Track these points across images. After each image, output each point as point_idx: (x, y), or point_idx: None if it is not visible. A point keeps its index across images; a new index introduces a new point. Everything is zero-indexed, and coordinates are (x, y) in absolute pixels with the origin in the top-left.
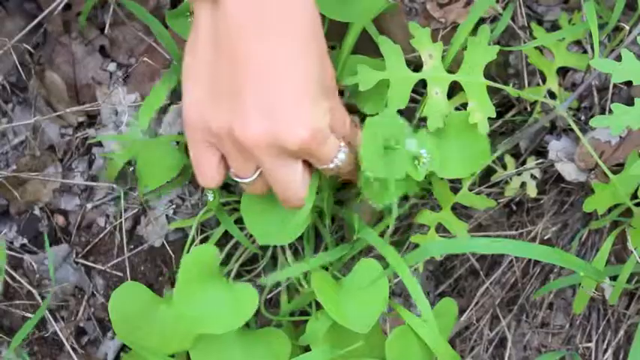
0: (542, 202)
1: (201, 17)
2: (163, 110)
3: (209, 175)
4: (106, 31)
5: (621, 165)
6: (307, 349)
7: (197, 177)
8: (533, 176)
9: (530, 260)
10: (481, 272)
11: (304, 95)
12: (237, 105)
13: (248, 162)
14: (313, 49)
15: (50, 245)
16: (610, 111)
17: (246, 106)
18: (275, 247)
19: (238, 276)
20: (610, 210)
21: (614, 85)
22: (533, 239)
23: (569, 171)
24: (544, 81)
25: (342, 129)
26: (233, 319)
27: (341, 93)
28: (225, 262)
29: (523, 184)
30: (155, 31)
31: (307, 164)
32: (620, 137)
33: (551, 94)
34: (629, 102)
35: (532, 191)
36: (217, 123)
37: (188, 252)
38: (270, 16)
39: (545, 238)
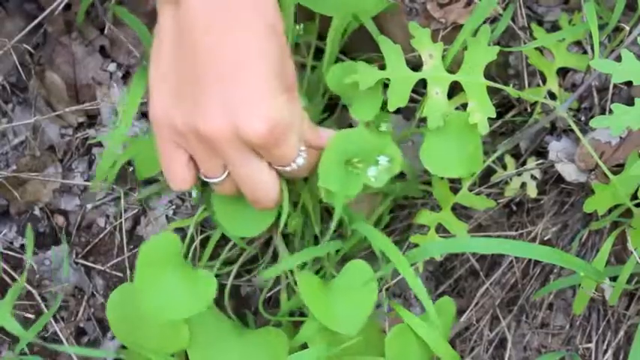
0: (542, 202)
1: (164, 17)
2: None
3: (179, 176)
4: (106, 31)
5: (621, 165)
6: (305, 348)
7: (167, 179)
8: (533, 177)
9: (530, 261)
10: (481, 273)
11: (265, 90)
12: (200, 100)
13: (215, 160)
14: (274, 45)
15: (50, 245)
16: (610, 111)
17: (209, 101)
18: (274, 247)
19: (238, 276)
20: (610, 210)
21: (615, 86)
22: (533, 240)
23: (569, 171)
24: (544, 81)
25: (300, 128)
26: (191, 305)
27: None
28: (225, 262)
29: (523, 185)
30: (144, 40)
31: None
32: (621, 138)
33: (552, 95)
34: (630, 102)
35: (532, 192)
36: (182, 120)
37: (187, 252)
38: (231, 11)
39: (546, 238)
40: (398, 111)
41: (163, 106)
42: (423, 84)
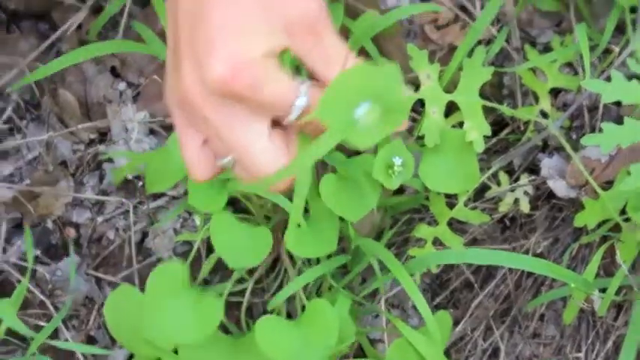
0: (534, 217)
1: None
2: None
3: (192, 161)
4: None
5: (611, 182)
6: None
7: (187, 170)
8: (526, 192)
9: (522, 273)
10: (475, 285)
11: (230, 31)
12: (179, 64)
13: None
14: None
15: (62, 257)
16: (600, 130)
17: (183, 60)
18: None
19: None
20: (599, 225)
21: (604, 105)
22: (526, 253)
23: (560, 188)
24: (537, 101)
25: (325, 69)
26: (198, 331)
27: None
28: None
29: (516, 200)
30: (160, 56)
31: (280, 128)
32: (610, 156)
33: (544, 114)
34: (619, 121)
35: (525, 207)
36: (174, 92)
37: (191, 263)
38: None
39: (538, 252)
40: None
41: (168, 83)
42: (421, 103)
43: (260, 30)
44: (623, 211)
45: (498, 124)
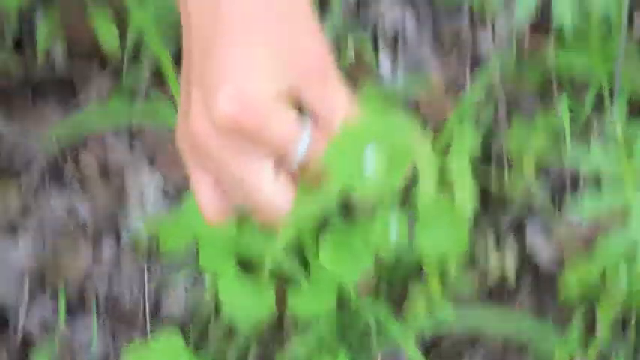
0: (520, 279)
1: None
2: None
3: (206, 201)
4: (134, 120)
5: (593, 243)
6: None
7: (201, 212)
8: (511, 255)
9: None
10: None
11: (241, 69)
12: (189, 98)
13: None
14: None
15: (81, 315)
16: (582, 198)
17: (192, 94)
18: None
19: None
20: (582, 287)
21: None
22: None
23: (544, 250)
24: (522, 167)
25: (331, 116)
26: None
27: None
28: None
29: (503, 263)
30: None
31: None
32: (591, 223)
33: (529, 180)
34: (599, 188)
35: (511, 269)
36: (184, 132)
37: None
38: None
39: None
40: None
41: (178, 124)
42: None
43: (271, 71)
44: (603, 275)
45: (486, 189)
